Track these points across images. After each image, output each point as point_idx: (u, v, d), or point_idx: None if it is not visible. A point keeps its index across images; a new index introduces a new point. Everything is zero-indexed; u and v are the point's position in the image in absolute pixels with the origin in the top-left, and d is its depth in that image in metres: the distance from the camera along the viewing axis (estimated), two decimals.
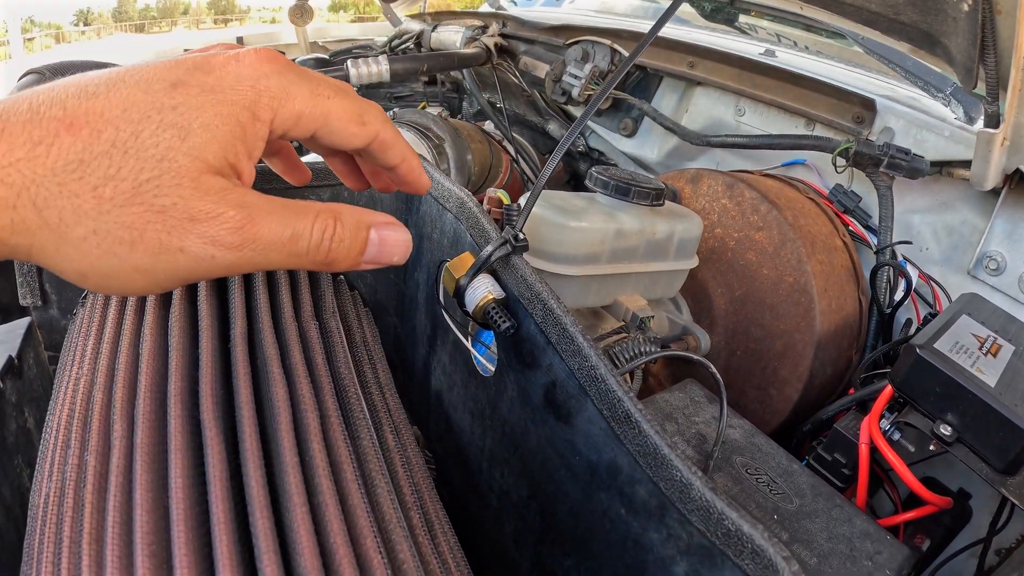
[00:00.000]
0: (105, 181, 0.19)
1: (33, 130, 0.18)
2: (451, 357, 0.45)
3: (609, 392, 0.29)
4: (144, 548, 0.25)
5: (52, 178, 0.18)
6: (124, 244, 0.19)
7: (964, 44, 0.57)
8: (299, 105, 0.22)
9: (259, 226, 0.21)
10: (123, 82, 0.20)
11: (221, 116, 0.20)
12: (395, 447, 0.30)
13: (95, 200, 0.19)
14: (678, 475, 0.26)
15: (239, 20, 16.94)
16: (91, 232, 0.19)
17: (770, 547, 0.23)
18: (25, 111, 0.19)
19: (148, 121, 0.19)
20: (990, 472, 0.45)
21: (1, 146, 0.18)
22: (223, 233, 0.20)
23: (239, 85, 0.21)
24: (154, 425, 0.28)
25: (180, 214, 0.19)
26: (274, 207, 0.21)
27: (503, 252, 0.35)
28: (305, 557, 0.22)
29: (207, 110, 0.20)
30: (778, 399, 0.59)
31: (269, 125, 0.21)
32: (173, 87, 0.20)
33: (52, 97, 0.19)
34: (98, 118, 0.19)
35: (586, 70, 0.85)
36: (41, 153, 0.18)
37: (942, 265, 0.64)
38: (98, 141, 0.19)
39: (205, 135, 0.20)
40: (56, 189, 0.18)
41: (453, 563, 0.27)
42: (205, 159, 0.20)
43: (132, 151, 0.19)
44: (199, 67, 0.21)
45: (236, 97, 0.21)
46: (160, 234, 0.19)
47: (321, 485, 0.25)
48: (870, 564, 0.38)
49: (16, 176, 0.18)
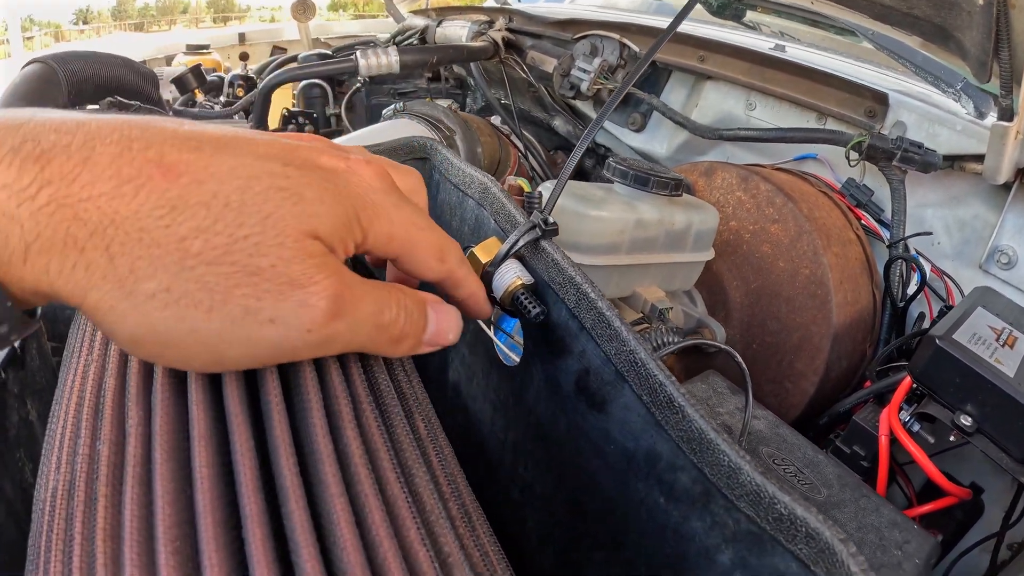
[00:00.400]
0: (196, 233, 0.16)
1: (123, 167, 0.16)
2: (471, 348, 0.44)
3: (650, 376, 0.28)
4: (168, 544, 0.23)
5: (135, 222, 0.16)
6: (200, 308, 0.17)
7: (978, 38, 0.57)
8: (395, 229, 0.21)
9: (355, 295, 0.19)
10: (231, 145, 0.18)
11: (335, 200, 0.19)
12: (427, 436, 0.29)
13: (180, 253, 0.16)
14: (726, 460, 0.25)
15: (239, 19, 16.87)
16: (163, 289, 0.17)
17: (826, 530, 0.22)
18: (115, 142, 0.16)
19: (258, 181, 0.17)
20: (1010, 462, 0.45)
21: (84, 176, 0.16)
22: (323, 302, 0.18)
23: (350, 188, 0.20)
24: (173, 412, 0.27)
25: (278, 278, 0.17)
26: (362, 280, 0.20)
27: (532, 236, 0.34)
28: (348, 551, 0.21)
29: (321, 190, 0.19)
30: (794, 392, 0.58)
31: (364, 235, 0.20)
32: (286, 163, 0.19)
33: (146, 136, 0.17)
34: (202, 170, 0.17)
35: (595, 64, 0.85)
36: (128, 192, 0.16)
37: (954, 259, 0.64)
38: (198, 191, 0.17)
39: (319, 207, 0.18)
40: (136, 235, 0.16)
41: (494, 556, 0.26)
42: (314, 227, 0.18)
43: (235, 204, 0.17)
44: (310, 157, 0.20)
45: (347, 196, 0.19)
46: (248, 299, 0.17)
47: (359, 474, 0.23)
48: (899, 553, 0.37)
49: (94, 213, 0.16)
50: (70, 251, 0.16)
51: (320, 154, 0.20)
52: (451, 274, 0.25)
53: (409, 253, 0.23)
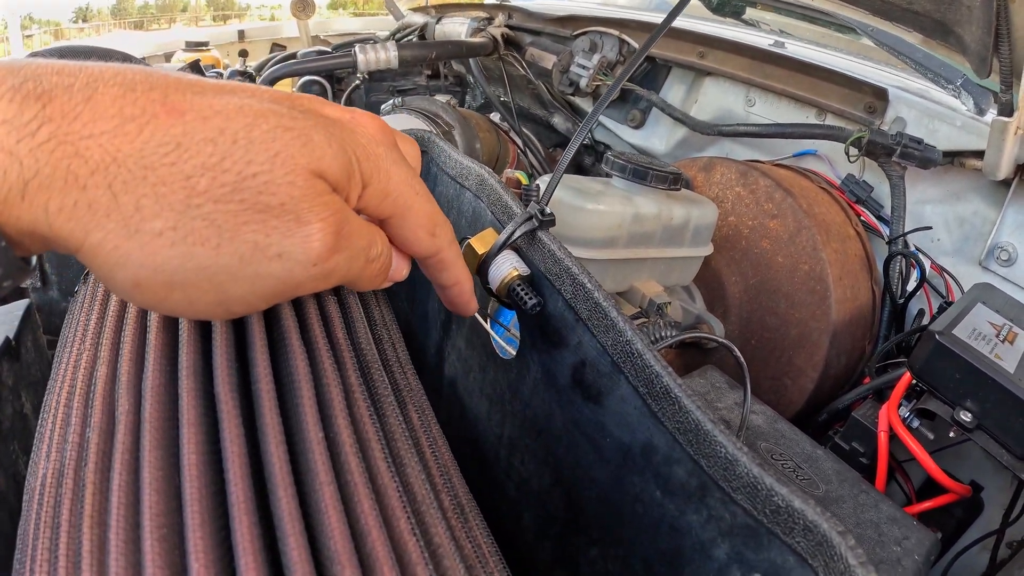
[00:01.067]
0: (203, 171, 0.16)
1: (126, 106, 0.16)
2: (467, 341, 0.43)
3: (647, 368, 0.27)
4: (153, 531, 0.23)
5: (138, 159, 0.16)
6: (208, 246, 0.17)
7: (978, 33, 0.57)
8: (391, 187, 0.21)
9: (352, 229, 0.19)
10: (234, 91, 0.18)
11: (341, 145, 0.19)
12: (420, 426, 0.28)
13: (186, 191, 0.16)
14: (722, 451, 0.25)
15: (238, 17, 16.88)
16: (170, 227, 0.16)
17: (824, 522, 0.22)
18: (118, 84, 0.16)
19: (265, 119, 0.17)
20: (1011, 458, 0.44)
21: (85, 115, 0.15)
22: (328, 237, 0.18)
23: (353, 138, 0.20)
24: (163, 399, 0.27)
25: (286, 214, 0.17)
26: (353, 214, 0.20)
27: (529, 227, 0.33)
28: (335, 540, 0.20)
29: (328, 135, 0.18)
30: (793, 389, 0.58)
31: (360, 188, 0.20)
32: (292, 107, 0.18)
33: (150, 80, 0.17)
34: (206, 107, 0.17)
35: (594, 61, 0.84)
36: (131, 130, 0.16)
37: (953, 256, 0.64)
38: (204, 127, 0.16)
39: (327, 149, 0.18)
40: (140, 173, 0.16)
41: (487, 548, 0.25)
42: (322, 167, 0.18)
43: (243, 141, 0.17)
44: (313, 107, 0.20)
45: (350, 145, 0.19)
46: (257, 235, 0.17)
47: (349, 463, 0.23)
48: (899, 549, 0.37)
49: (95, 151, 0.15)
50: (71, 188, 0.15)
51: (324, 105, 0.20)
52: (439, 252, 0.24)
53: (402, 216, 0.22)
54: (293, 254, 0.18)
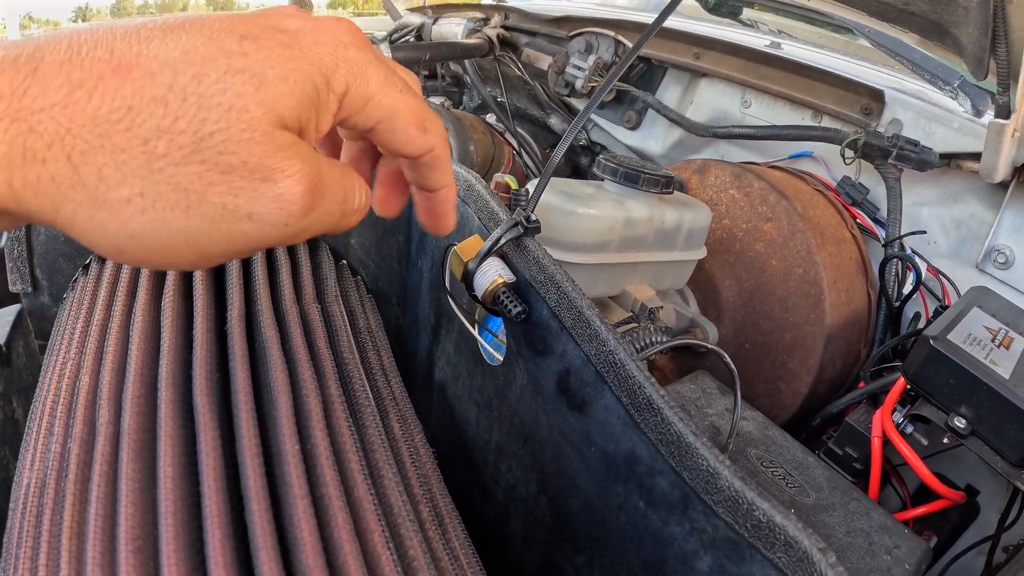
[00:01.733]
0: (159, 134, 0.16)
1: (72, 71, 0.15)
2: (456, 347, 0.43)
3: (629, 378, 0.27)
4: (128, 544, 0.23)
5: (93, 128, 0.15)
6: (178, 209, 0.16)
7: (975, 34, 0.56)
8: (372, 89, 0.19)
9: (326, 185, 0.18)
10: (182, 28, 0.17)
11: (299, 73, 0.17)
12: (402, 436, 0.28)
13: (145, 156, 0.16)
14: (704, 464, 0.24)
15: None
16: (137, 194, 0.16)
17: (805, 538, 0.22)
18: (63, 50, 0.16)
19: (213, 64, 0.16)
20: (1005, 465, 0.44)
21: (34, 88, 0.15)
22: (298, 193, 0.17)
23: (317, 47, 0.18)
24: (143, 411, 0.26)
25: (252, 174, 0.17)
26: (327, 162, 0.19)
27: (514, 234, 0.33)
28: (307, 554, 0.20)
29: (283, 63, 0.17)
30: (787, 393, 0.58)
31: (340, 100, 0.19)
32: (243, 37, 0.17)
33: (96, 37, 0.16)
34: (152, 59, 0.16)
35: (590, 62, 0.84)
36: (81, 98, 0.15)
37: (950, 259, 0.63)
38: (151, 84, 0.16)
39: (282, 87, 0.17)
40: (97, 141, 0.15)
41: (465, 560, 0.25)
42: (279, 112, 0.17)
43: (193, 97, 0.16)
44: (272, 23, 0.18)
45: (313, 59, 0.18)
46: (225, 197, 0.17)
47: (324, 475, 0.23)
48: (889, 559, 0.37)
49: (48, 124, 0.15)
50: (31, 164, 0.15)
51: (284, 17, 0.19)
52: (432, 149, 0.22)
53: (390, 118, 0.20)
54: (264, 215, 0.17)
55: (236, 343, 0.28)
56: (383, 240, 0.52)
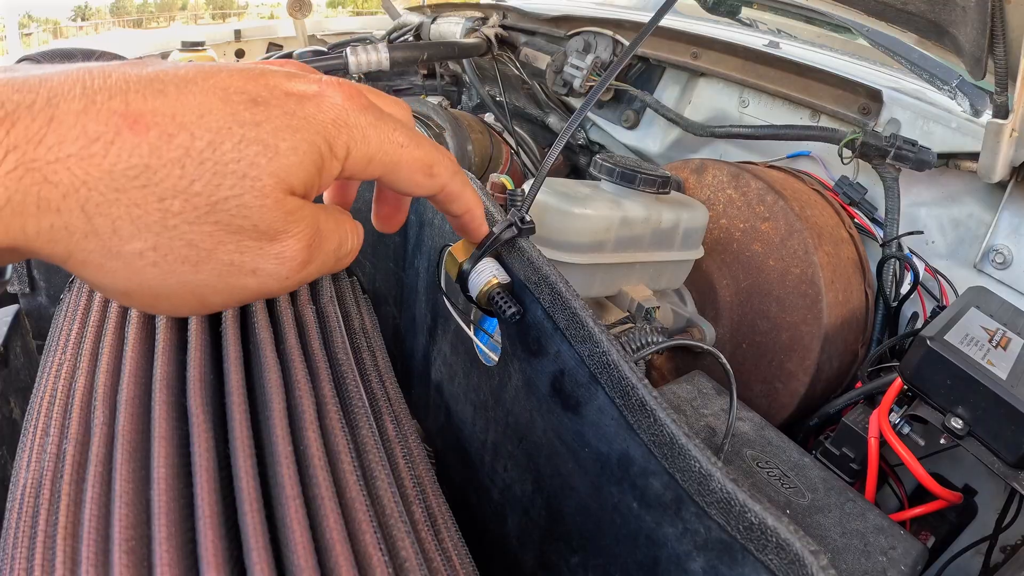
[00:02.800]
0: (174, 194, 0.16)
1: (88, 123, 0.16)
2: (452, 347, 0.43)
3: (622, 379, 0.27)
4: (122, 544, 0.23)
5: (109, 182, 0.16)
6: (188, 264, 0.17)
7: (973, 34, 0.56)
8: (372, 149, 0.21)
9: (322, 240, 0.20)
10: (195, 84, 0.18)
11: (306, 142, 0.19)
12: (396, 437, 0.28)
13: (160, 213, 0.16)
14: (696, 466, 0.24)
15: (237, 15, 16.87)
16: (150, 248, 0.17)
17: (797, 541, 0.22)
18: (79, 96, 0.16)
19: (229, 133, 0.17)
20: (1002, 466, 0.44)
21: (50, 138, 0.15)
22: (297, 252, 0.19)
23: (321, 115, 0.19)
24: (137, 412, 0.27)
25: (259, 235, 0.18)
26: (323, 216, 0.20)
27: (509, 234, 0.33)
28: (299, 555, 0.20)
29: (292, 134, 0.18)
30: (784, 393, 0.58)
31: (342, 164, 0.20)
32: (254, 102, 0.18)
33: (110, 85, 0.16)
34: (169, 120, 0.17)
35: (588, 61, 0.84)
36: (98, 152, 0.16)
37: (948, 259, 0.63)
38: (168, 146, 0.16)
39: (292, 158, 0.18)
40: (112, 195, 0.16)
41: (458, 561, 0.25)
42: (289, 181, 0.18)
43: (209, 163, 0.17)
44: (280, 87, 0.19)
45: (319, 128, 0.19)
46: (233, 255, 0.18)
47: (317, 477, 0.23)
48: (884, 560, 0.37)
49: (64, 175, 0.15)
50: (45, 213, 0.16)
51: (289, 80, 0.20)
52: (444, 188, 0.24)
53: (392, 173, 0.22)
54: (267, 270, 0.19)
55: (230, 344, 0.28)
56: (380, 240, 0.52)
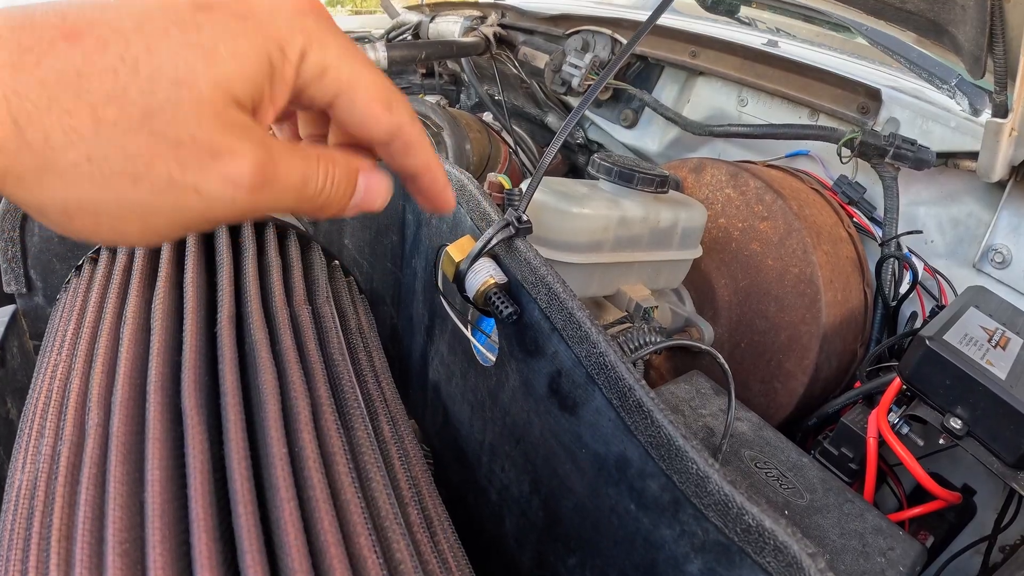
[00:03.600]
0: (108, 101, 0.16)
1: (23, 36, 0.15)
2: (450, 347, 0.43)
3: (620, 380, 0.27)
4: (116, 546, 0.23)
5: (41, 90, 0.15)
6: (125, 176, 0.16)
7: (972, 33, 0.56)
8: (330, 56, 0.19)
9: (278, 167, 0.18)
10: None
11: (253, 46, 0.17)
12: (391, 438, 0.28)
13: (93, 121, 0.16)
14: (694, 468, 0.24)
15: None
16: (84, 158, 0.16)
17: (794, 543, 0.21)
18: (17, 17, 0.16)
19: (166, 36, 0.16)
20: (1001, 466, 0.44)
21: None
22: (246, 173, 0.17)
23: (273, 17, 0.18)
24: (131, 413, 0.26)
25: (199, 149, 0.17)
26: (287, 148, 0.19)
27: (506, 234, 0.33)
28: (293, 557, 0.20)
29: (237, 38, 0.17)
30: (783, 393, 0.58)
31: (296, 69, 0.19)
32: (197, 7, 0.17)
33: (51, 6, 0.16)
34: (105, 27, 0.16)
35: (586, 60, 0.84)
36: (29, 61, 0.15)
37: (947, 258, 0.63)
38: (103, 54, 0.16)
39: (234, 64, 0.17)
40: (45, 103, 0.15)
41: (454, 562, 0.25)
42: (231, 90, 0.17)
43: (145, 69, 0.16)
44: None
45: (269, 30, 0.18)
46: (172, 169, 0.17)
47: (311, 479, 0.23)
48: (883, 560, 0.37)
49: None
50: None
51: None
52: (401, 130, 0.21)
53: (350, 91, 0.19)
54: (210, 191, 0.17)
55: (226, 345, 0.28)
56: (377, 240, 0.51)
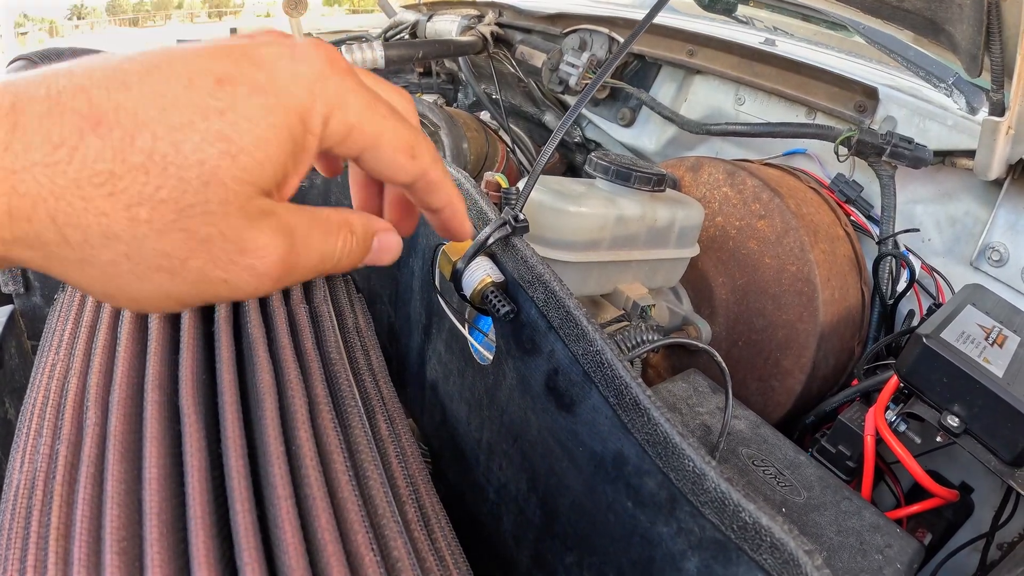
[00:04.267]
0: (141, 201, 0.16)
1: (52, 127, 0.15)
2: (447, 345, 0.43)
3: (616, 378, 0.27)
4: (114, 544, 0.23)
5: (76, 191, 0.16)
6: (163, 272, 0.17)
7: (969, 31, 0.56)
8: (352, 117, 0.19)
9: (299, 255, 0.19)
10: (159, 71, 0.17)
11: (275, 128, 0.18)
12: (389, 436, 0.28)
13: (129, 222, 0.16)
14: (690, 465, 0.24)
15: (234, 14, 16.76)
16: (123, 257, 0.17)
17: (791, 540, 0.22)
18: (42, 100, 0.16)
19: (192, 130, 0.16)
20: (998, 464, 0.44)
21: (15, 145, 0.15)
22: (270, 266, 0.18)
23: (294, 86, 0.18)
24: (129, 412, 0.26)
25: (227, 245, 0.17)
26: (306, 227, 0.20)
27: (502, 233, 0.33)
28: (290, 555, 0.20)
29: (259, 120, 0.17)
30: (780, 391, 0.58)
31: (319, 138, 0.19)
32: (220, 83, 0.17)
33: (74, 85, 0.16)
34: (131, 118, 0.16)
35: (583, 59, 0.84)
36: (62, 158, 0.15)
37: (944, 256, 0.63)
38: (131, 150, 0.16)
39: (258, 155, 0.17)
40: (80, 205, 0.16)
41: (451, 560, 0.25)
42: (255, 182, 0.17)
43: (173, 168, 0.16)
44: (249, 58, 0.18)
45: (290, 102, 0.18)
46: (204, 265, 0.17)
47: (309, 476, 0.23)
48: (880, 558, 0.37)
49: (31, 184, 0.15)
50: (17, 222, 0.15)
51: (258, 48, 0.18)
52: (425, 174, 0.22)
53: (374, 146, 0.20)
54: (237, 283, 0.18)
55: (223, 344, 0.28)
56: None
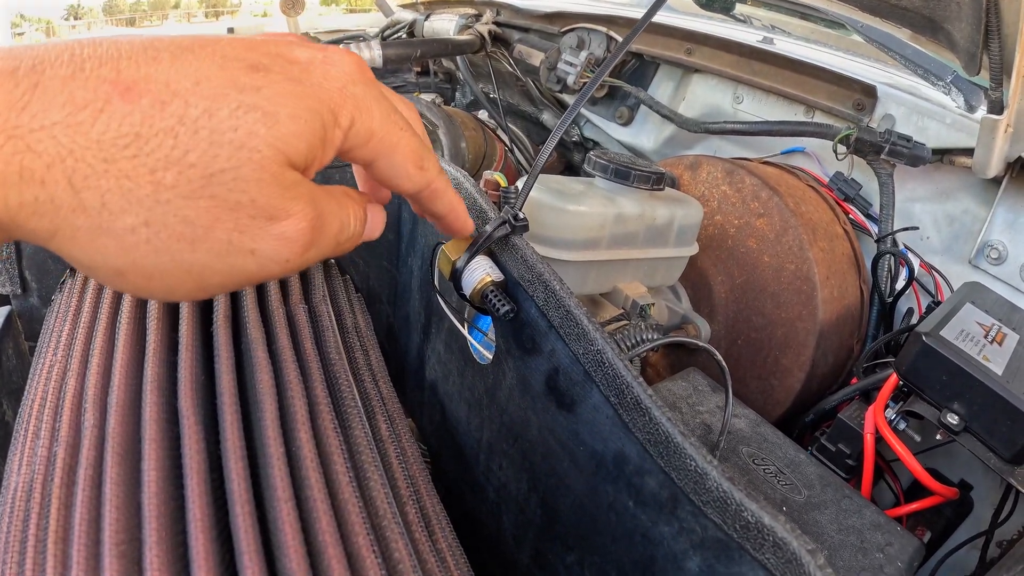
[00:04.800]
0: (168, 165, 0.16)
1: (76, 90, 0.15)
2: (446, 345, 0.43)
3: (617, 377, 0.27)
4: (113, 548, 0.23)
5: (97, 152, 0.15)
6: (184, 241, 0.16)
7: (968, 29, 0.56)
8: (376, 124, 0.20)
9: (324, 221, 0.19)
10: (191, 52, 0.17)
11: (309, 111, 0.18)
12: (389, 437, 0.28)
13: (152, 186, 0.16)
14: (692, 464, 0.24)
15: (231, 13, 16.70)
16: (142, 223, 0.16)
17: (793, 539, 0.22)
18: (66, 64, 0.15)
19: (225, 99, 0.16)
20: (998, 461, 0.44)
21: (34, 104, 0.14)
22: (302, 235, 0.18)
23: (326, 83, 0.18)
24: (128, 414, 0.26)
25: (258, 212, 0.17)
26: (326, 197, 0.20)
27: (502, 232, 0.33)
28: (291, 558, 0.20)
29: (294, 100, 0.17)
30: (779, 389, 0.58)
31: (345, 134, 0.19)
32: (253, 68, 0.17)
33: (100, 53, 0.16)
34: (163, 87, 0.16)
35: (582, 58, 0.84)
36: (85, 120, 0.15)
37: (943, 254, 0.63)
38: (161, 114, 0.15)
39: (293, 126, 0.17)
40: (101, 167, 0.15)
41: (452, 561, 0.25)
42: (288, 152, 0.17)
43: (205, 132, 0.16)
44: (282, 55, 0.18)
45: (323, 96, 0.18)
46: (231, 233, 0.17)
47: (309, 478, 0.23)
48: (881, 556, 0.37)
49: (49, 144, 0.15)
50: (28, 184, 0.15)
51: (291, 47, 0.19)
52: (430, 184, 0.23)
53: (388, 155, 0.21)
54: (266, 252, 0.18)
55: (222, 345, 0.28)
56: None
